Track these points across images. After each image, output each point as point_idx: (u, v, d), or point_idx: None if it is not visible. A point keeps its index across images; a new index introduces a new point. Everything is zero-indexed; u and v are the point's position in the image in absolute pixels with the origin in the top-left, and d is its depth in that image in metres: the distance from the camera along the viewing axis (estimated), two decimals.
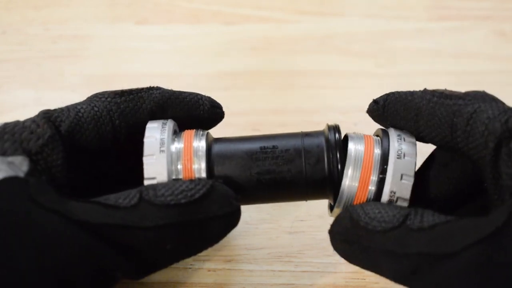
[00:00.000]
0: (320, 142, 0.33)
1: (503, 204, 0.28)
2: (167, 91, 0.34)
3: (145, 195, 0.30)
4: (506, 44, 0.54)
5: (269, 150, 0.32)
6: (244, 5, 0.59)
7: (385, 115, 0.33)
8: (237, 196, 0.31)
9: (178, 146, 0.32)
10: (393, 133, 0.32)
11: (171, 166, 0.31)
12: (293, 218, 0.41)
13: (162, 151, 0.31)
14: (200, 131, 0.33)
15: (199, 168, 0.32)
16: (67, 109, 0.32)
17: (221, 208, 0.30)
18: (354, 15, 0.58)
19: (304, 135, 0.33)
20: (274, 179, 0.32)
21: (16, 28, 0.58)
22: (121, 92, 0.33)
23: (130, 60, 0.55)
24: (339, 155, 0.32)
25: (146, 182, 0.31)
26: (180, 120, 0.34)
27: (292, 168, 0.32)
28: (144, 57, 0.55)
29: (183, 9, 0.59)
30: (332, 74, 0.53)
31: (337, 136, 0.33)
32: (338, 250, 0.32)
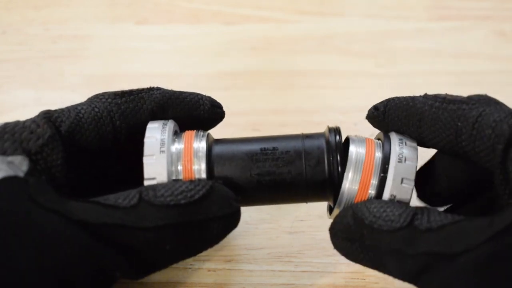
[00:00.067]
0: (321, 144, 0.32)
1: None
2: (167, 91, 0.34)
3: (144, 196, 0.30)
4: (506, 44, 0.54)
5: (269, 152, 0.32)
6: (244, 5, 0.59)
7: (386, 121, 0.33)
8: (237, 197, 0.31)
9: (178, 146, 0.32)
10: (394, 137, 0.32)
11: (171, 167, 0.31)
12: (293, 218, 0.41)
13: (162, 151, 0.31)
14: (200, 132, 0.33)
15: (199, 169, 0.32)
16: (68, 109, 0.32)
17: (220, 209, 0.30)
18: (354, 15, 0.58)
19: (304, 137, 0.33)
20: (274, 180, 0.32)
21: (16, 28, 0.58)
22: (121, 92, 0.33)
23: (130, 60, 0.54)
24: (339, 157, 0.32)
25: (146, 183, 0.31)
26: (180, 120, 0.34)
27: (292, 170, 0.32)
28: (144, 57, 0.55)
29: (183, 9, 0.59)
30: (332, 74, 0.52)
31: (338, 138, 0.33)
32: (338, 247, 0.32)
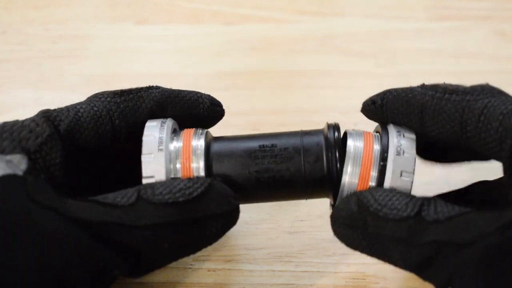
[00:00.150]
0: (319, 141, 0.32)
1: None
2: (166, 90, 0.34)
3: (143, 194, 0.30)
4: (506, 44, 0.54)
5: (267, 149, 0.32)
6: (244, 5, 0.59)
7: (385, 114, 0.33)
8: (235, 194, 0.31)
9: (177, 145, 0.32)
10: (392, 129, 0.32)
11: (170, 165, 0.31)
12: (293, 218, 0.41)
13: (161, 149, 0.31)
14: (199, 130, 0.33)
15: (198, 166, 0.32)
16: (67, 109, 0.32)
17: (219, 207, 0.30)
18: (354, 15, 0.58)
19: (303, 134, 0.33)
20: (273, 177, 0.32)
21: (16, 28, 0.58)
22: (120, 92, 0.33)
23: (130, 60, 0.54)
24: (338, 153, 0.32)
25: (144, 181, 0.31)
26: (180, 118, 0.34)
27: (291, 166, 0.32)
28: (144, 57, 0.55)
29: (183, 9, 0.59)
30: (332, 74, 0.52)
31: (337, 134, 0.33)
32: (339, 234, 0.32)
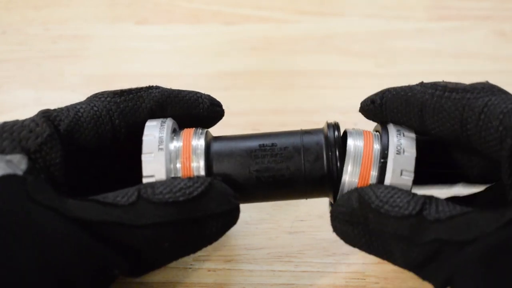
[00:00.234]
0: (319, 140, 0.32)
1: None
2: (166, 90, 0.34)
3: (143, 193, 0.30)
4: (506, 44, 0.54)
5: (268, 148, 0.32)
6: (244, 5, 0.59)
7: (384, 113, 0.33)
8: (235, 194, 0.31)
9: (177, 144, 0.32)
10: (392, 128, 0.32)
11: (170, 164, 0.31)
12: (293, 218, 0.40)
13: (161, 149, 0.31)
14: (199, 129, 0.33)
15: (198, 166, 0.32)
16: (67, 109, 0.32)
17: (219, 206, 0.30)
18: (354, 15, 0.58)
19: (303, 133, 0.33)
20: (273, 176, 0.32)
21: (16, 28, 0.58)
22: (120, 91, 0.33)
23: (130, 60, 0.54)
24: (338, 152, 0.32)
25: (144, 180, 0.31)
26: (180, 118, 0.34)
27: (291, 166, 0.32)
28: (144, 57, 0.55)
29: (183, 9, 0.59)
30: (332, 74, 0.52)
31: (336, 133, 0.33)
32: (338, 230, 0.32)
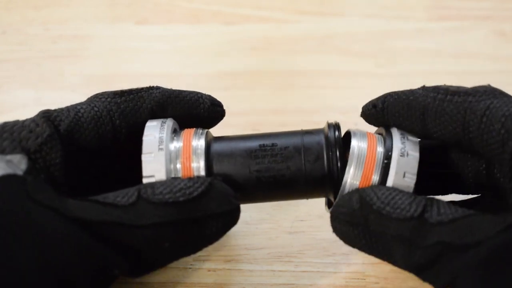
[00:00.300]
0: (320, 140, 0.32)
1: None
2: (167, 90, 0.34)
3: (143, 193, 0.30)
4: (506, 44, 0.54)
5: (268, 148, 0.32)
6: (244, 5, 0.59)
7: (386, 117, 0.33)
8: (236, 194, 0.31)
9: (177, 144, 0.32)
10: (396, 132, 0.32)
11: (170, 165, 0.31)
12: (293, 218, 0.40)
13: (161, 149, 0.31)
14: (199, 129, 0.33)
15: (198, 166, 0.32)
16: (67, 109, 0.32)
17: (219, 206, 0.30)
18: (354, 15, 0.58)
19: (304, 133, 0.33)
20: (273, 176, 0.32)
21: (16, 28, 0.58)
22: (121, 92, 0.33)
23: (130, 60, 0.54)
24: (338, 152, 0.32)
25: (144, 180, 0.31)
26: (180, 119, 0.34)
27: (291, 166, 0.32)
28: (144, 57, 0.55)
29: (183, 9, 0.59)
30: (332, 74, 0.52)
31: (337, 133, 0.33)
32: (338, 231, 0.32)
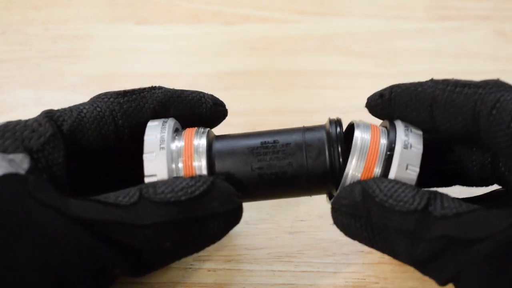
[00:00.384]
0: (321, 136, 0.32)
1: None
2: (169, 90, 0.34)
3: (144, 193, 0.30)
4: (506, 44, 0.54)
5: (270, 145, 0.32)
6: (244, 5, 0.59)
7: (392, 108, 0.32)
8: (238, 193, 0.31)
9: (178, 143, 0.32)
10: (400, 124, 0.32)
11: (171, 164, 0.31)
12: (293, 218, 0.40)
13: (162, 148, 0.31)
14: (201, 128, 0.33)
15: (200, 165, 0.32)
16: (70, 109, 0.32)
17: (221, 205, 0.30)
18: (354, 15, 0.58)
19: (305, 130, 0.33)
20: (275, 173, 0.32)
21: (16, 28, 0.58)
22: (123, 92, 0.33)
23: (130, 60, 0.54)
24: (340, 147, 0.32)
25: (146, 180, 0.31)
26: (183, 118, 0.34)
27: (293, 162, 0.32)
28: (144, 57, 0.55)
29: (183, 9, 0.59)
30: (332, 74, 0.52)
31: (339, 129, 0.33)
32: (339, 223, 0.32)
